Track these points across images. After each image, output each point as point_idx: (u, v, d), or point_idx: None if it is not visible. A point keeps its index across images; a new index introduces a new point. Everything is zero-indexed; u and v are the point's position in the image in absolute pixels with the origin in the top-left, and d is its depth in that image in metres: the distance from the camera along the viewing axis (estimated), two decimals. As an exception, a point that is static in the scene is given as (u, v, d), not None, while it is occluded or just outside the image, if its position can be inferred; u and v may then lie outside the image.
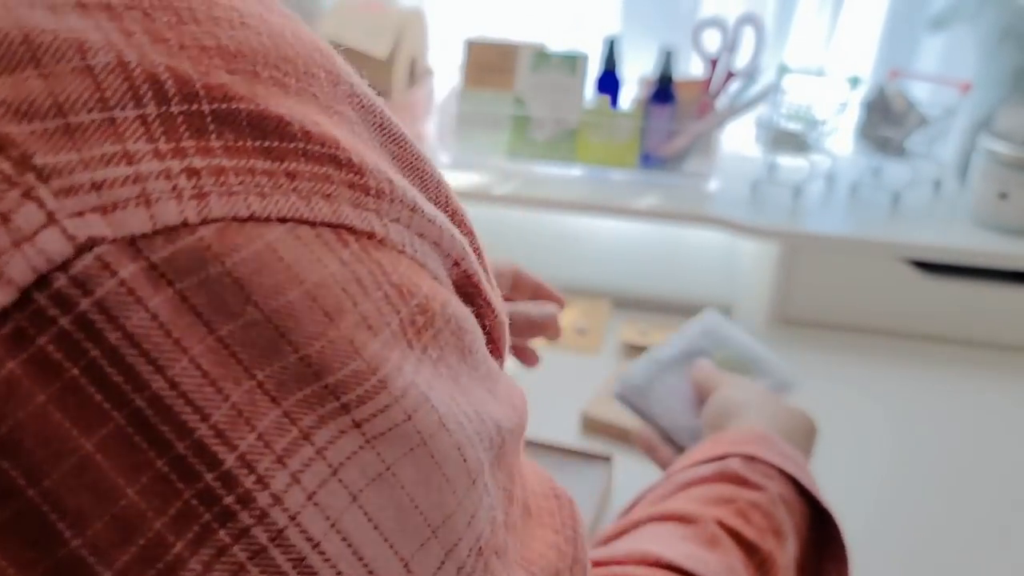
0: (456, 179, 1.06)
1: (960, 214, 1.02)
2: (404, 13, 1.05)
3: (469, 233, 0.28)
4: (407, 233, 0.24)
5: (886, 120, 1.03)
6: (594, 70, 1.08)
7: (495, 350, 0.30)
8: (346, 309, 0.21)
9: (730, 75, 1.06)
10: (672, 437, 0.64)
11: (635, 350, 0.94)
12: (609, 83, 1.08)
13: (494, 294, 0.29)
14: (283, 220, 0.21)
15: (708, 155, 1.06)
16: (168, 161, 0.20)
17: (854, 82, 1.03)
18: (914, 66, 1.18)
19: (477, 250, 0.28)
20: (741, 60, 1.05)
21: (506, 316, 0.30)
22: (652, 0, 1.26)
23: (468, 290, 0.27)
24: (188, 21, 0.21)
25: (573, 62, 1.07)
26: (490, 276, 0.29)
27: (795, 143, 1.03)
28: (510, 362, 0.66)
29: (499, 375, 0.29)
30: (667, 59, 1.04)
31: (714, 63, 1.06)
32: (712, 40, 1.06)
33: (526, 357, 0.66)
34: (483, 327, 0.28)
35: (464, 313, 0.26)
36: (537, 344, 0.70)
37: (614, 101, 1.09)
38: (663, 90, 1.04)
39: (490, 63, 1.12)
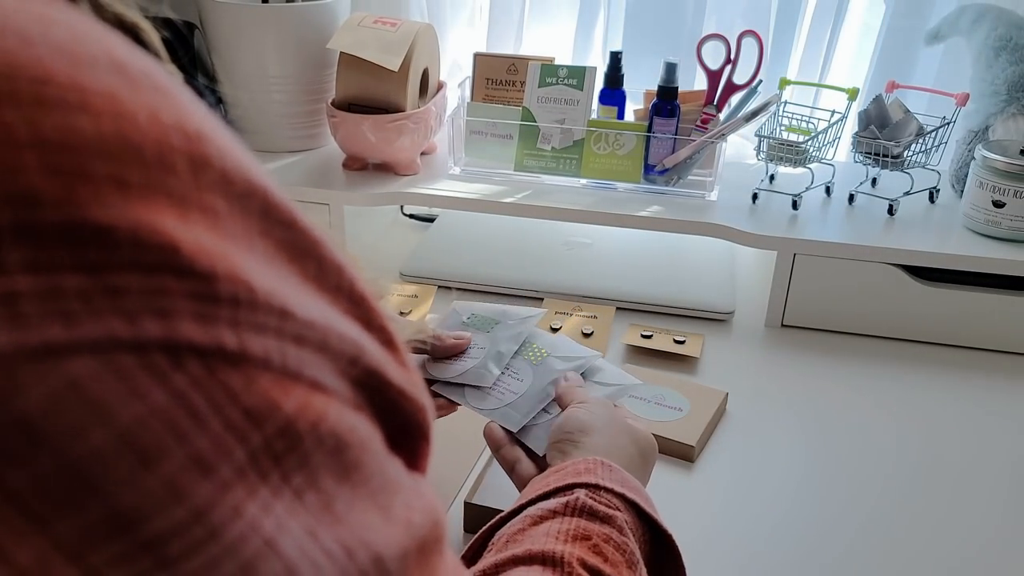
0: (466, 189, 1.10)
1: (956, 222, 1.04)
2: (416, 27, 1.09)
3: (373, 320, 0.25)
4: (275, 342, 0.21)
5: (884, 130, 1.05)
6: (600, 83, 1.12)
7: (420, 438, 0.27)
8: (169, 449, 0.19)
9: (732, 87, 1.09)
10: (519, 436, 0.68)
11: (638, 352, 0.97)
12: (614, 96, 1.12)
13: (409, 380, 0.26)
14: (96, 347, 0.18)
15: (710, 165, 1.09)
16: None
17: (853, 94, 1.06)
18: (912, 78, 1.21)
19: (387, 338, 0.26)
20: (743, 73, 1.08)
21: (428, 399, 0.28)
22: (656, 15, 1.29)
23: (373, 386, 0.25)
24: (3, 104, 0.18)
25: (580, 75, 1.10)
26: (404, 358, 0.27)
27: (795, 153, 1.06)
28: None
29: (398, 486, 0.25)
30: (670, 72, 1.07)
31: (716, 76, 1.09)
32: (714, 54, 1.09)
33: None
34: (397, 418, 0.26)
35: (351, 423, 0.23)
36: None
37: (619, 113, 1.12)
38: (666, 103, 1.07)
39: (499, 76, 1.16)
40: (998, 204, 0.99)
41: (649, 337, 0.98)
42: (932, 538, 0.74)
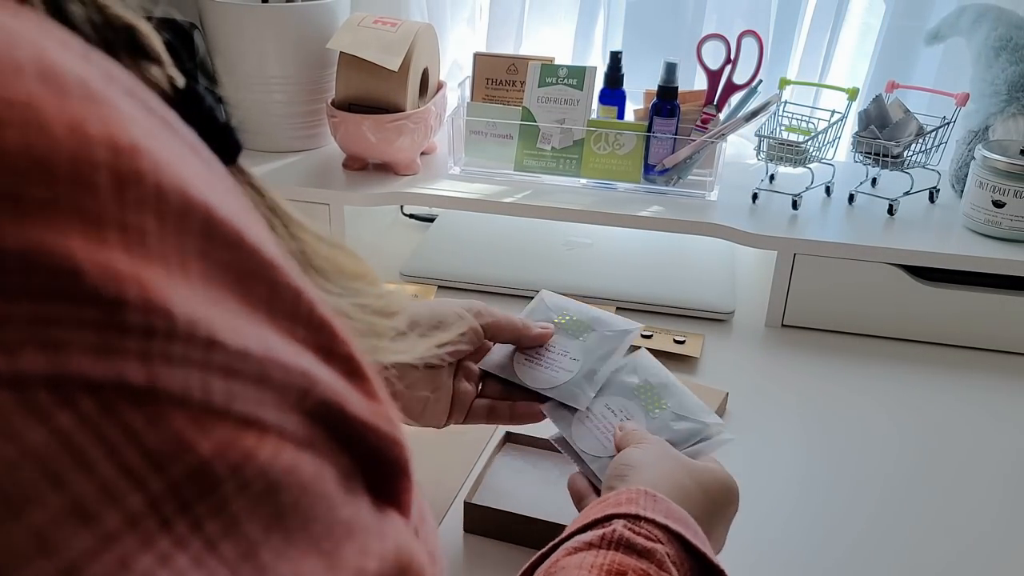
0: (466, 189, 1.10)
1: (956, 222, 1.05)
2: (416, 27, 1.09)
3: (335, 348, 0.24)
4: (197, 376, 0.19)
5: (884, 130, 1.06)
6: (600, 83, 1.12)
7: (397, 471, 0.26)
8: (41, 496, 0.17)
9: (732, 87, 1.09)
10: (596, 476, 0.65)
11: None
12: (614, 96, 1.12)
13: (377, 413, 0.25)
14: None
15: (710, 165, 1.09)
16: None
17: (853, 94, 1.06)
18: (912, 78, 1.21)
19: (353, 367, 0.24)
20: (743, 73, 1.08)
21: (398, 430, 0.26)
22: (656, 15, 1.29)
23: (331, 419, 0.23)
24: None
25: (580, 75, 1.10)
26: (373, 388, 0.25)
27: (795, 153, 1.06)
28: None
29: (352, 529, 0.23)
30: (670, 72, 1.07)
31: (716, 76, 1.09)
32: (714, 53, 1.09)
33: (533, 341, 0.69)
34: (363, 453, 0.24)
35: (288, 464, 0.21)
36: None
37: (619, 113, 1.12)
38: (667, 102, 1.07)
39: (499, 76, 1.16)
40: (998, 204, 0.99)
41: (649, 337, 0.99)
42: (932, 537, 0.74)
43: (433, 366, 0.65)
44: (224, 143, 0.25)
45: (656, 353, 0.97)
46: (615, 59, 1.11)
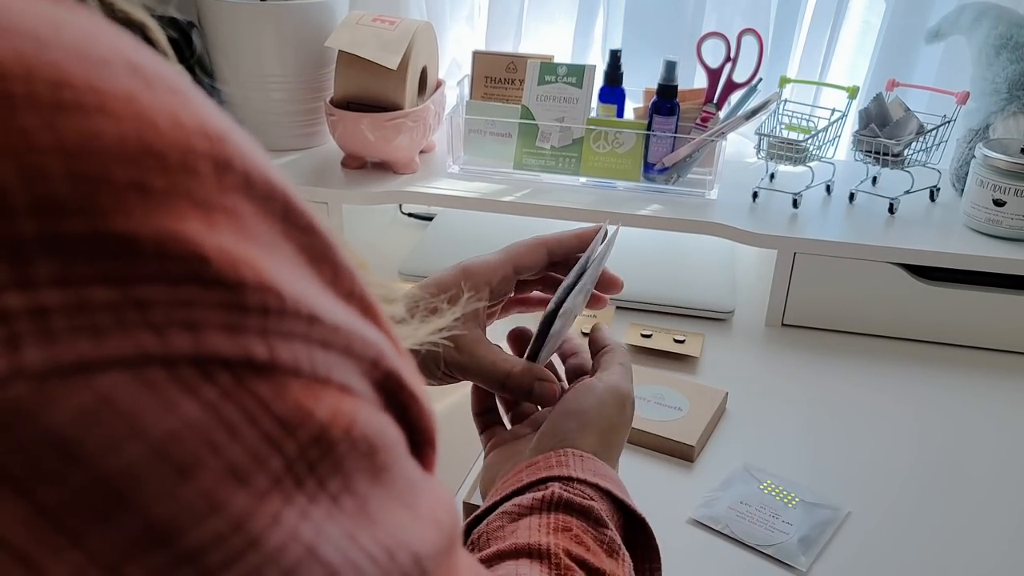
0: (465, 188, 1.09)
1: (957, 221, 1.04)
2: (415, 25, 1.08)
3: (382, 325, 0.25)
4: (304, 349, 0.21)
5: (884, 129, 1.05)
6: (599, 81, 1.11)
7: (425, 441, 0.27)
8: (204, 460, 0.19)
9: (732, 86, 1.08)
10: None
11: (638, 352, 0.97)
12: (614, 94, 1.11)
13: (417, 383, 0.26)
14: (126, 362, 0.18)
15: (710, 164, 1.09)
16: None
17: (853, 92, 1.06)
18: (912, 76, 1.21)
19: (395, 342, 0.26)
20: (743, 71, 1.08)
21: (431, 403, 0.28)
22: (656, 13, 1.29)
23: (390, 388, 0.25)
24: (22, 108, 0.17)
25: (579, 73, 1.10)
26: (408, 360, 0.27)
27: (795, 152, 1.05)
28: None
29: (421, 486, 0.26)
30: (670, 70, 1.07)
31: (716, 74, 1.09)
32: (714, 52, 1.09)
33: (609, 288, 0.67)
34: (409, 421, 0.26)
35: (379, 426, 0.23)
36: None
37: (619, 111, 1.12)
38: (666, 101, 1.07)
39: (498, 75, 1.16)
40: (999, 203, 0.99)
41: (649, 336, 0.98)
42: (931, 537, 0.74)
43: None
44: None
45: (656, 353, 0.97)
46: (615, 57, 1.10)
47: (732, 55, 1.08)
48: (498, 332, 0.67)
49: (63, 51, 0.18)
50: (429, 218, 1.25)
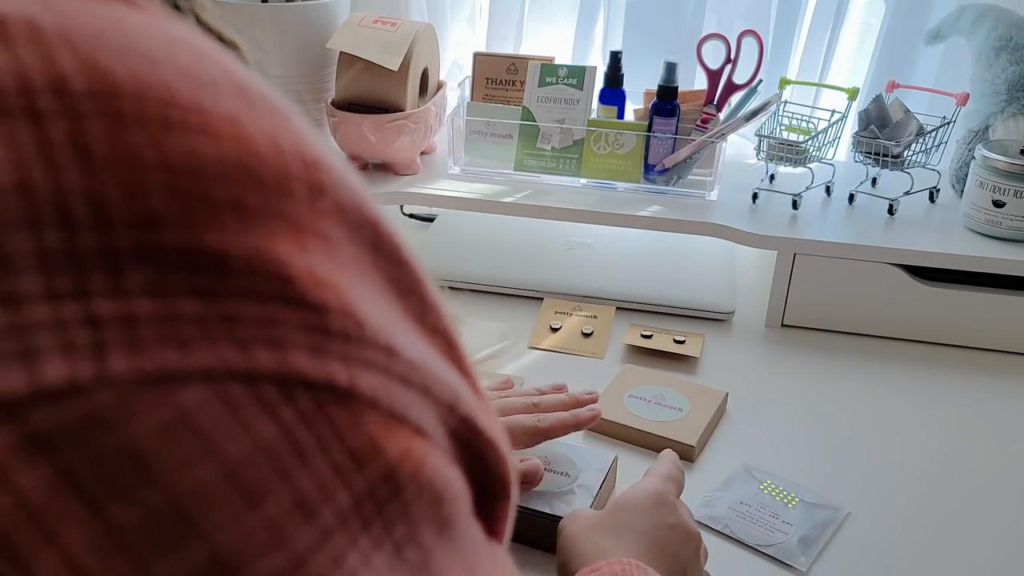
0: (466, 189, 1.10)
1: (956, 222, 1.04)
2: (416, 27, 1.09)
3: (464, 365, 0.24)
4: (382, 380, 0.20)
5: (884, 130, 1.05)
6: (600, 83, 1.12)
7: (501, 491, 0.26)
8: (274, 488, 0.18)
9: (732, 87, 1.09)
10: None
11: (638, 352, 0.97)
12: (614, 95, 1.12)
13: (495, 428, 0.25)
14: (209, 376, 0.18)
15: (710, 165, 1.09)
16: (63, 306, 0.17)
17: (853, 93, 1.06)
18: (912, 77, 1.21)
19: (475, 385, 0.25)
20: (743, 72, 1.08)
21: (510, 451, 0.26)
22: (656, 15, 1.29)
23: (466, 435, 0.24)
24: (131, 125, 0.18)
25: (580, 75, 1.10)
26: (490, 407, 0.26)
27: (795, 153, 1.06)
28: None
29: (484, 552, 0.24)
30: (670, 72, 1.07)
31: (716, 75, 1.09)
32: (714, 53, 1.09)
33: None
34: (485, 469, 0.25)
35: (448, 476, 0.22)
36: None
37: (619, 113, 1.12)
38: (666, 102, 1.07)
39: (499, 76, 1.16)
40: (998, 204, 0.99)
41: (649, 337, 0.98)
42: (931, 537, 0.74)
43: None
44: None
45: (656, 353, 0.97)
46: (615, 59, 1.11)
47: (732, 56, 1.08)
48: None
49: (173, 71, 0.19)
50: (430, 219, 1.25)
